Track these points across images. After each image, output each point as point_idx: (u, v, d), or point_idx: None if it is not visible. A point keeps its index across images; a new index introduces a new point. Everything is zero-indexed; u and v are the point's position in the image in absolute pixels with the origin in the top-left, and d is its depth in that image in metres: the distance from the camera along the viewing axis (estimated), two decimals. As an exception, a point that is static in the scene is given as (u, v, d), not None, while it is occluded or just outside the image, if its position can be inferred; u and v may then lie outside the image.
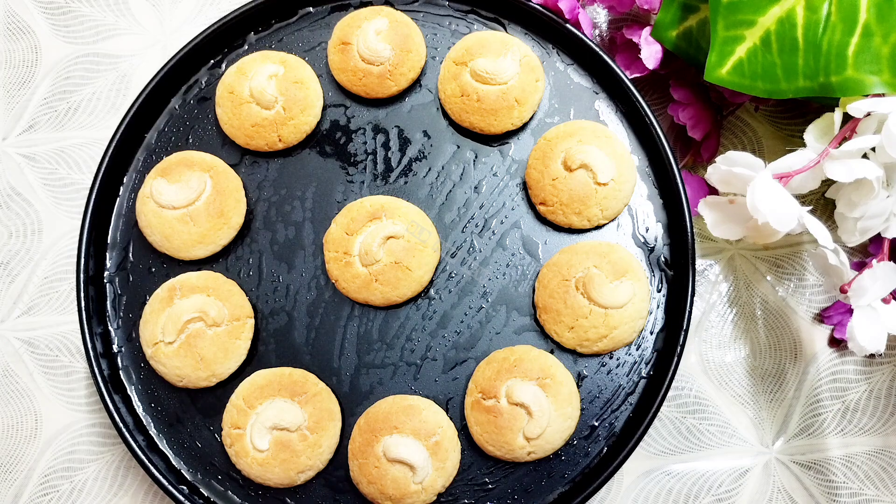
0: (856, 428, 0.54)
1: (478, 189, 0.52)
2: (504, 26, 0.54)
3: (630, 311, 0.48)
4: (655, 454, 0.53)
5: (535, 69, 0.51)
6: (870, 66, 0.44)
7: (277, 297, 0.50)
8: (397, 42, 0.51)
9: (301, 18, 0.54)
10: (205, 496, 0.48)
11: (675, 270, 0.50)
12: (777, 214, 0.42)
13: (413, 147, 0.52)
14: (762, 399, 0.54)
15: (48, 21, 0.61)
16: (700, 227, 0.55)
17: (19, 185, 0.58)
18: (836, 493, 0.53)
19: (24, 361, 0.56)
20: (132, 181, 0.52)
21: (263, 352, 0.50)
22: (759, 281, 0.55)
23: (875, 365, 0.54)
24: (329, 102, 0.53)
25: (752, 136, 0.57)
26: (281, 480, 0.47)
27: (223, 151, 0.52)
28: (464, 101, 0.51)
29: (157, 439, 0.49)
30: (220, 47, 0.54)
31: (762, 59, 0.45)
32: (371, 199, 0.50)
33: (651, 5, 0.52)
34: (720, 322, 0.55)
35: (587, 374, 0.49)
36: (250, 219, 0.51)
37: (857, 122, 0.45)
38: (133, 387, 0.50)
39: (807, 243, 0.56)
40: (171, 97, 0.53)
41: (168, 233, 0.49)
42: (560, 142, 0.50)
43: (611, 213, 0.50)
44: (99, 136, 0.59)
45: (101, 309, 0.50)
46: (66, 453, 0.54)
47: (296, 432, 0.46)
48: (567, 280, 0.48)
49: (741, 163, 0.44)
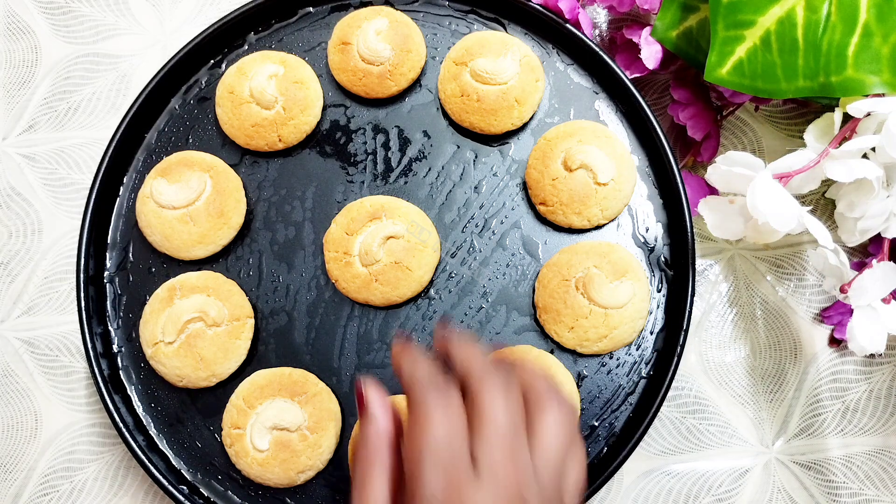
0: (856, 428, 0.54)
1: (478, 189, 0.52)
2: (504, 26, 0.54)
3: (630, 311, 0.48)
4: (655, 454, 0.53)
5: (535, 69, 0.51)
6: (870, 66, 0.44)
7: (277, 297, 0.50)
8: (397, 42, 0.51)
9: (301, 18, 0.54)
10: (205, 496, 0.48)
11: (675, 270, 0.50)
12: (777, 214, 0.42)
13: (413, 147, 0.52)
14: (762, 399, 0.54)
15: (48, 21, 0.61)
16: (700, 227, 0.55)
17: (19, 185, 0.58)
18: (836, 493, 0.53)
19: (24, 361, 0.56)
20: (132, 181, 0.52)
21: (263, 352, 0.50)
22: (759, 281, 0.55)
23: (875, 365, 0.54)
24: (329, 102, 0.53)
25: (752, 136, 0.57)
26: (281, 480, 0.47)
27: (223, 151, 0.52)
28: (464, 101, 0.51)
29: (157, 439, 0.49)
30: (220, 47, 0.54)
31: (762, 59, 0.45)
32: (371, 199, 0.50)
33: (651, 5, 0.52)
34: (720, 322, 0.55)
35: (587, 374, 0.49)
36: (250, 219, 0.51)
37: (857, 122, 0.45)
38: (133, 387, 0.50)
39: (807, 243, 0.56)
40: (171, 97, 0.53)
41: (168, 233, 0.49)
42: (560, 142, 0.50)
43: (611, 213, 0.50)
44: (99, 136, 0.59)
45: (101, 309, 0.50)
46: (66, 453, 0.54)
47: (296, 432, 0.46)
48: (567, 280, 0.48)
49: (741, 163, 0.44)
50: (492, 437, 0.33)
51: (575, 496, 0.35)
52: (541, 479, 0.34)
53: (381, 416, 0.37)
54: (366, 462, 0.36)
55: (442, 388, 0.34)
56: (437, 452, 0.32)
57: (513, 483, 0.32)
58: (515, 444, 0.33)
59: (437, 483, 0.32)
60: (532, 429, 0.35)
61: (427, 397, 0.34)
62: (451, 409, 0.33)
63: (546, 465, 0.34)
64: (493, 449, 0.33)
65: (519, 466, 0.33)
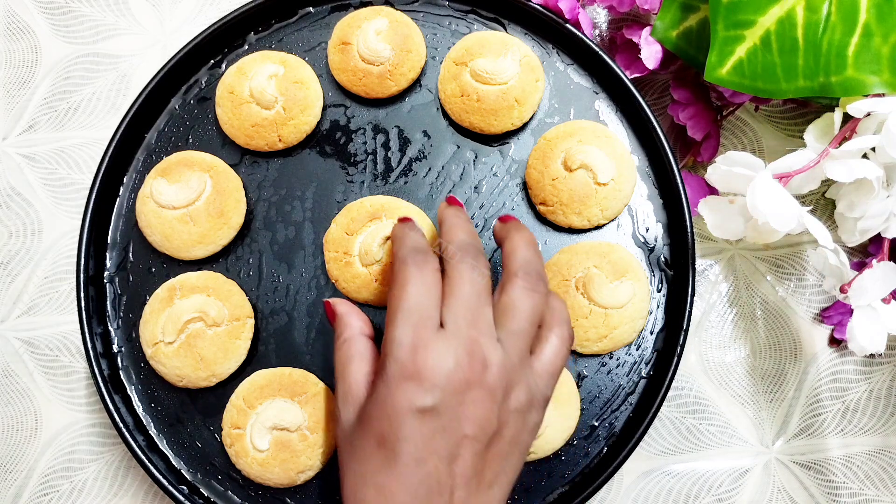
0: (856, 428, 0.54)
1: (478, 189, 0.52)
2: (504, 26, 0.54)
3: (630, 311, 0.48)
4: (655, 454, 0.53)
5: (535, 69, 0.51)
6: (870, 66, 0.44)
7: (277, 297, 0.50)
8: (397, 42, 0.51)
9: (301, 18, 0.54)
10: (205, 496, 0.48)
11: (675, 270, 0.50)
12: (777, 214, 0.42)
13: (413, 147, 0.52)
14: (762, 399, 0.54)
15: (48, 21, 0.61)
16: (700, 227, 0.55)
17: (19, 185, 0.58)
18: (836, 494, 0.53)
19: (24, 361, 0.56)
20: (132, 181, 0.52)
21: (263, 352, 0.50)
22: (759, 281, 0.55)
23: (875, 365, 0.54)
24: (329, 102, 0.53)
25: (752, 136, 0.57)
26: (281, 480, 0.47)
27: (223, 151, 0.52)
28: (464, 101, 0.51)
29: (157, 439, 0.49)
30: (220, 47, 0.54)
31: (762, 59, 0.45)
32: (371, 199, 0.50)
33: (651, 5, 0.52)
34: (720, 322, 0.55)
35: (587, 374, 0.49)
36: (250, 219, 0.51)
37: (857, 122, 0.45)
38: (133, 387, 0.50)
39: (807, 243, 0.56)
40: (171, 97, 0.53)
41: (168, 233, 0.49)
42: (560, 142, 0.50)
43: (611, 213, 0.50)
44: (99, 136, 0.59)
45: (101, 309, 0.50)
46: (66, 453, 0.54)
47: (296, 432, 0.46)
48: (567, 280, 0.48)
49: (741, 163, 0.44)
50: (457, 305, 0.38)
51: (546, 371, 0.40)
52: (507, 346, 0.38)
53: (353, 320, 0.43)
54: (345, 356, 0.41)
55: (420, 261, 0.39)
56: (409, 311, 0.38)
57: (473, 338, 0.37)
58: (478, 312, 0.38)
59: (405, 335, 0.37)
60: (497, 297, 0.40)
61: (406, 268, 0.39)
62: (426, 279, 0.39)
63: (509, 334, 0.39)
64: (457, 315, 0.38)
65: (480, 328, 0.38)
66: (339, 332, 0.43)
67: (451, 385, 0.36)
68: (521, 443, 0.39)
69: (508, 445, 0.38)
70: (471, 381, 0.37)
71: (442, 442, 0.36)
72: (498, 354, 0.38)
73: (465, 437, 0.37)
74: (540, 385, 0.40)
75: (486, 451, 0.37)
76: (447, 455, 0.36)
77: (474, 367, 0.37)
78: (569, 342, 0.41)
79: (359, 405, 0.39)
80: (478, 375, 0.37)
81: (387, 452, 0.36)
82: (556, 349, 0.40)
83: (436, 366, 0.36)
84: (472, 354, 0.37)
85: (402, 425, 0.36)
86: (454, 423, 0.37)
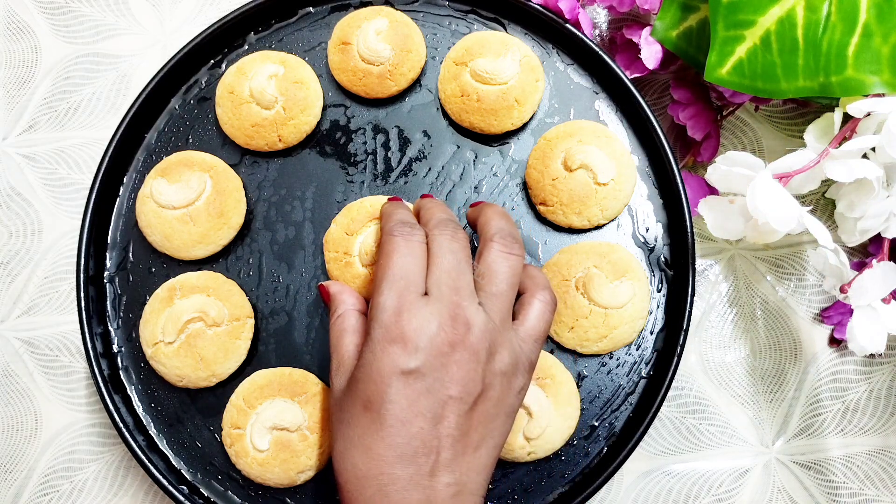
0: (856, 428, 0.54)
1: (478, 189, 0.52)
2: (504, 26, 0.54)
3: (630, 311, 0.48)
4: (655, 454, 0.53)
5: (535, 69, 0.51)
6: (870, 66, 0.44)
7: (277, 297, 0.50)
8: (397, 42, 0.51)
9: (301, 18, 0.54)
10: (205, 496, 0.48)
11: (675, 270, 0.50)
12: (777, 214, 0.42)
13: (413, 147, 0.52)
14: (762, 399, 0.54)
15: (48, 21, 0.61)
16: (700, 227, 0.55)
17: (19, 185, 0.58)
18: (836, 494, 0.53)
19: (24, 361, 0.56)
20: (132, 181, 0.52)
21: (263, 352, 0.50)
22: (759, 281, 0.55)
23: (875, 365, 0.54)
24: (329, 102, 0.53)
25: (752, 136, 0.57)
26: (281, 480, 0.47)
27: (223, 151, 0.52)
28: (464, 101, 0.51)
29: (157, 439, 0.49)
30: (220, 47, 0.54)
31: (762, 59, 0.45)
32: (371, 199, 0.50)
33: (651, 5, 0.52)
34: (720, 322, 0.55)
35: (587, 374, 0.49)
36: (250, 219, 0.51)
37: (857, 122, 0.45)
38: (133, 387, 0.50)
39: (807, 243, 0.56)
40: (171, 97, 0.53)
41: (168, 233, 0.49)
42: (560, 142, 0.50)
43: (611, 213, 0.50)
44: (99, 136, 0.59)
45: (101, 309, 0.50)
46: (66, 453, 0.54)
47: (296, 432, 0.46)
48: (567, 280, 0.48)
49: (741, 163, 0.44)
50: (439, 273, 0.39)
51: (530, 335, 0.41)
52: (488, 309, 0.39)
53: (346, 297, 0.44)
54: (338, 331, 0.43)
55: (407, 232, 0.41)
56: (394, 278, 0.39)
57: (455, 302, 0.38)
58: (459, 278, 0.39)
59: (389, 300, 0.38)
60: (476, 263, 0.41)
61: (393, 238, 0.41)
62: (411, 249, 0.40)
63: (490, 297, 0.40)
64: (440, 282, 0.39)
65: (462, 293, 0.39)
66: (333, 309, 0.44)
67: (434, 347, 0.37)
68: (507, 405, 0.40)
69: (494, 407, 0.39)
70: (454, 343, 0.38)
71: (427, 403, 0.37)
72: (480, 317, 0.39)
73: (450, 398, 0.37)
74: (525, 349, 0.40)
75: (471, 412, 0.38)
76: (432, 416, 0.37)
77: (457, 329, 0.38)
78: (552, 306, 0.42)
79: (349, 373, 0.40)
80: (461, 337, 0.38)
81: (373, 415, 0.37)
82: (539, 313, 0.41)
83: (419, 328, 0.37)
84: (454, 317, 0.38)
85: (388, 388, 0.37)
86: (438, 385, 0.37)
